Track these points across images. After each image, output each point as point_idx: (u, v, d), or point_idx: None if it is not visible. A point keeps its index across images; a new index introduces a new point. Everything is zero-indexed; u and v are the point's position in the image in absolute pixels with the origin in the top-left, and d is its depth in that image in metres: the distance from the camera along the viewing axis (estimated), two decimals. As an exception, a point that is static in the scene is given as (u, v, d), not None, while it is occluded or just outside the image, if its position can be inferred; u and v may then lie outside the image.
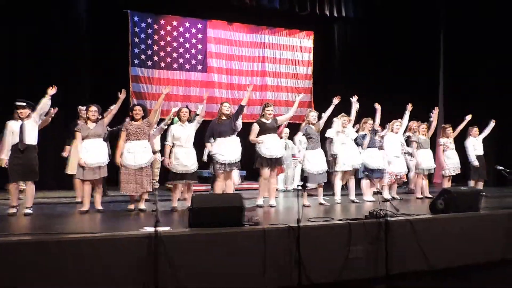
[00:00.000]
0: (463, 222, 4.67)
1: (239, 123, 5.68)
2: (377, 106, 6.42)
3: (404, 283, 4.02)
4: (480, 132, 7.23)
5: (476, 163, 6.94)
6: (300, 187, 3.92)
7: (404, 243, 4.25)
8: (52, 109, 5.13)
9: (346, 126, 6.09)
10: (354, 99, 6.25)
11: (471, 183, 7.00)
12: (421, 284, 4.13)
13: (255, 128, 5.58)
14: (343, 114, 6.17)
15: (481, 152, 7.10)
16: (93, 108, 5.20)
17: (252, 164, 5.74)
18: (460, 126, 7.12)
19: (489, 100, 9.15)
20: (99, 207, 5.11)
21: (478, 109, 7.93)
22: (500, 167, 4.99)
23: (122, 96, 5.27)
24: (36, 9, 7.76)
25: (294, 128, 7.79)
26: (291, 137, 7.84)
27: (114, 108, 5.34)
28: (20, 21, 7.66)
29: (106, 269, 3.29)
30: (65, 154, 6.11)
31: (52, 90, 4.90)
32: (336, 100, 5.97)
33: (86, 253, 3.28)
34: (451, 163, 6.93)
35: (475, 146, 7.11)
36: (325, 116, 5.97)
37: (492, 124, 7.19)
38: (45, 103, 4.89)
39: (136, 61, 8.90)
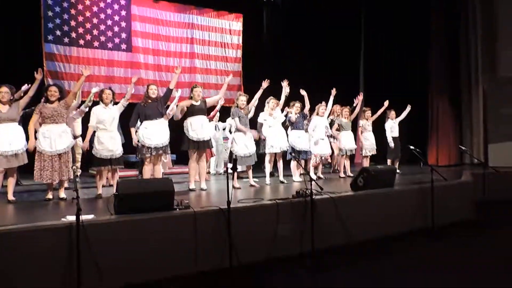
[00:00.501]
0: (379, 197, 5.08)
1: (172, 112, 5.55)
2: (303, 92, 6.64)
3: (329, 257, 4.27)
4: (397, 115, 7.88)
5: (392, 144, 7.62)
6: (229, 170, 3.92)
7: (328, 219, 4.51)
8: None
9: (275, 109, 6.23)
10: (284, 83, 6.38)
11: (388, 162, 7.67)
12: (344, 256, 4.42)
13: (183, 106, 5.51)
14: (271, 97, 6.29)
15: (397, 134, 7.78)
16: (4, 88, 4.67)
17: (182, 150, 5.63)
18: (379, 110, 7.67)
19: (405, 86, 9.95)
20: (11, 197, 4.66)
21: (396, 95, 8.64)
22: (412, 147, 5.49)
23: (38, 76, 4.80)
24: None
25: (225, 111, 7.78)
26: (222, 119, 7.84)
27: (30, 90, 4.84)
28: None
29: (24, 264, 3.03)
30: None
31: None
32: (265, 84, 6.05)
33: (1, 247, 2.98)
34: (369, 144, 7.51)
35: (392, 128, 7.75)
36: (254, 100, 6.04)
37: (408, 108, 7.87)
38: None
39: (50, 37, 8.13)
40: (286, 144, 6.26)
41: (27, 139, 4.78)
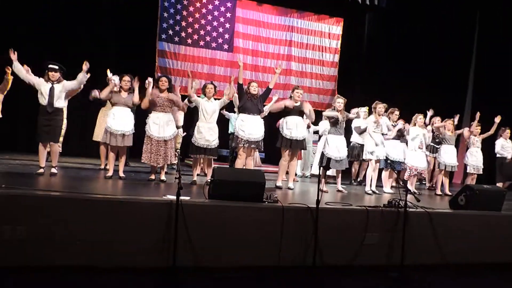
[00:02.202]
0: (482, 220, 4.60)
1: (265, 108, 5.73)
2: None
3: (417, 274, 4.01)
4: None
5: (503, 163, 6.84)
6: (320, 168, 3.90)
7: (420, 235, 4.23)
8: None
9: (381, 116, 6.00)
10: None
11: (500, 184, 6.90)
12: (434, 276, 4.12)
13: (281, 104, 5.62)
14: (377, 102, 6.07)
15: (510, 154, 6.99)
16: (127, 77, 5.28)
17: (271, 147, 5.75)
18: (492, 128, 6.96)
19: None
20: (122, 174, 5.23)
21: (508, 110, 7.72)
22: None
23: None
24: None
25: (316, 114, 7.74)
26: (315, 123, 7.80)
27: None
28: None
29: (126, 231, 3.39)
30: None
31: (86, 66, 4.99)
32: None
33: (109, 214, 3.38)
34: (474, 160, 6.83)
35: (504, 146, 6.98)
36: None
37: None
38: (82, 78, 5.01)
39: (163, 36, 8.94)
40: (383, 153, 5.99)
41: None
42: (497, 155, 6.99)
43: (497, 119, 6.92)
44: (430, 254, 4.29)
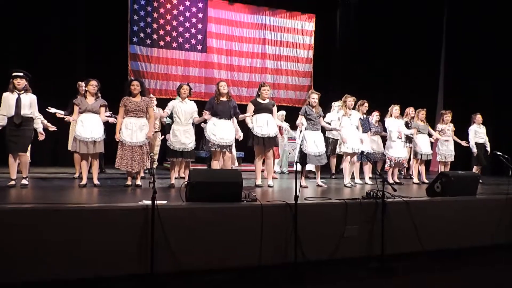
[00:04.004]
0: (458, 206, 4.68)
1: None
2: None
3: (397, 264, 4.05)
4: (483, 121, 7.24)
5: (474, 149, 7.02)
6: (296, 165, 3.89)
7: (399, 224, 4.27)
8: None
9: (350, 109, 6.05)
10: None
11: (474, 169, 7.07)
12: (415, 265, 4.17)
13: (250, 107, 5.55)
14: (346, 95, 6.12)
15: (483, 139, 7.17)
16: (94, 82, 5.14)
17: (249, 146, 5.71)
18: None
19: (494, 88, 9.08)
20: (96, 182, 5.10)
21: (482, 97, 7.91)
22: (499, 153, 5.00)
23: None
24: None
25: (293, 110, 7.77)
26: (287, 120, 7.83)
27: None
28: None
29: (103, 239, 3.29)
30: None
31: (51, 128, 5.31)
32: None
33: (83, 223, 3.27)
34: (445, 150, 6.97)
35: (476, 132, 7.15)
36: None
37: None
38: (39, 126, 5.03)
39: (134, 39, 8.80)
40: (359, 146, 6.03)
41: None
42: (470, 141, 7.15)
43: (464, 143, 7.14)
44: (409, 243, 4.33)
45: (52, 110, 5.82)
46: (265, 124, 5.48)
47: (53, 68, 7.77)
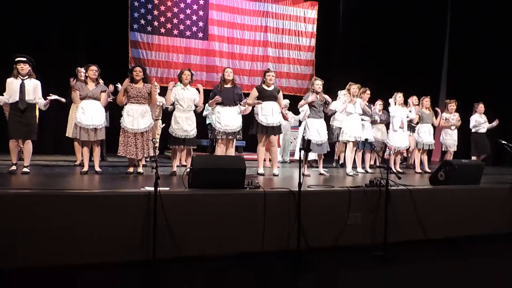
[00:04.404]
0: (462, 194, 4.66)
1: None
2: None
3: (400, 251, 4.04)
4: (485, 110, 7.17)
5: (495, 123, 6.96)
6: (300, 152, 3.85)
7: (403, 212, 4.25)
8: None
9: (355, 96, 6.00)
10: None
11: (474, 158, 7.02)
12: (418, 253, 4.16)
13: (254, 93, 5.48)
14: (350, 83, 6.05)
15: (485, 129, 7.11)
16: (94, 67, 5.08)
17: (251, 134, 5.65)
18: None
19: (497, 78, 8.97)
20: (98, 169, 5.07)
21: (486, 87, 7.81)
22: (504, 142, 4.95)
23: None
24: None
25: (295, 99, 7.71)
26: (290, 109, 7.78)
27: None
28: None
29: (105, 225, 3.26)
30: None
31: (48, 100, 4.98)
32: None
33: (85, 209, 3.25)
34: (449, 139, 6.92)
35: (477, 122, 7.08)
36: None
37: (495, 123, 7.06)
38: (41, 105, 4.91)
39: (135, 26, 8.69)
40: (360, 134, 5.99)
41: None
42: (472, 130, 7.09)
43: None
44: (413, 231, 4.32)
45: (53, 96, 5.77)
46: (270, 113, 5.42)
47: (54, 58, 7.71)
